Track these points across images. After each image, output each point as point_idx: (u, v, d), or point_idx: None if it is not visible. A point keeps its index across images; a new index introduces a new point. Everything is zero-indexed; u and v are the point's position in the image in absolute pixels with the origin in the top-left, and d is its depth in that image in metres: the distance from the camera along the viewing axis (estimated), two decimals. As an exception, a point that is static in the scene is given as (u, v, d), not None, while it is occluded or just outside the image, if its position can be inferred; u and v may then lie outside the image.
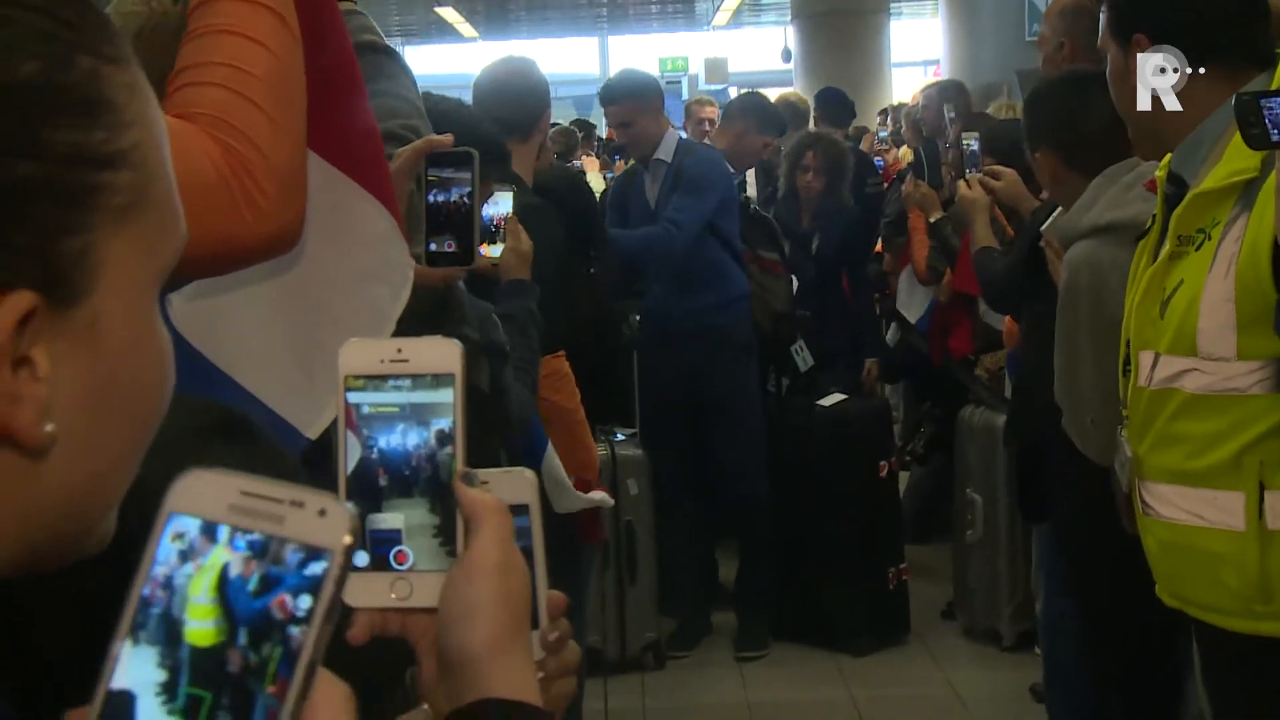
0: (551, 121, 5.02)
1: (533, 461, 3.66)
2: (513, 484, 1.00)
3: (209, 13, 1.44)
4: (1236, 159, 2.28)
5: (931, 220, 5.21)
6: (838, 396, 5.51)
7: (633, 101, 5.49)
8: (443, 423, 0.93)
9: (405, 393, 0.93)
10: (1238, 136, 2.30)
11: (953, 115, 4.90)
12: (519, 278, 3.29)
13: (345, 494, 0.93)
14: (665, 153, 5.45)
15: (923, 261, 5.66)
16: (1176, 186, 2.44)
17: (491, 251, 3.25)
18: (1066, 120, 2.80)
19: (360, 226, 1.70)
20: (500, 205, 3.28)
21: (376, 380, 0.94)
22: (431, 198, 2.11)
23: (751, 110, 6.20)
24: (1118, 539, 2.62)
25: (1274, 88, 1.81)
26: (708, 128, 8.68)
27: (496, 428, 2.95)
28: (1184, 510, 2.36)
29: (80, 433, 0.72)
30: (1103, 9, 2.54)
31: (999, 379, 5.05)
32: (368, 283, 1.73)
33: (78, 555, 0.76)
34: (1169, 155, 2.50)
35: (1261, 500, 2.24)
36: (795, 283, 5.77)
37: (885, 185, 7.15)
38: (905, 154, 8.27)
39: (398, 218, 1.76)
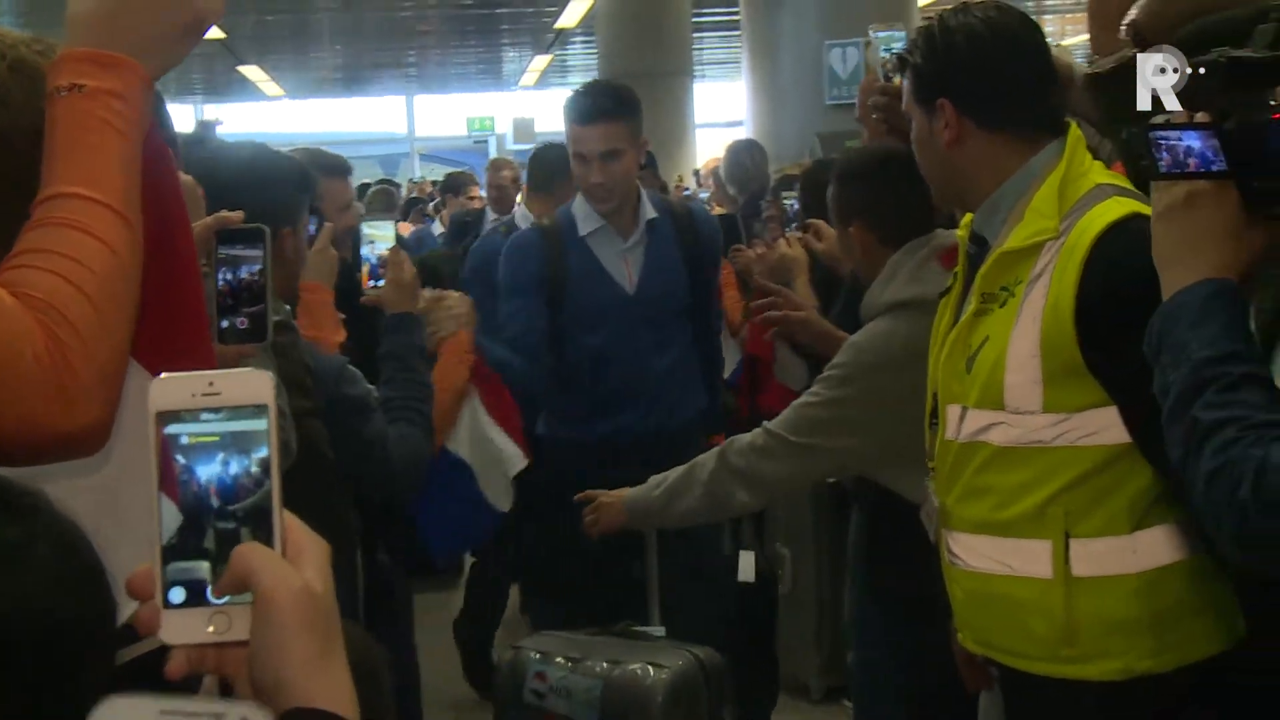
0: (361, 182, 4.81)
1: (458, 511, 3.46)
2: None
3: (56, 206, 1.45)
4: (1037, 220, 2.38)
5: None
6: None
7: (635, 120, 3.96)
8: (261, 451, 0.94)
9: (223, 422, 0.94)
10: (1036, 198, 2.40)
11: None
12: (403, 311, 3.18)
13: (160, 538, 0.93)
14: (650, 210, 4.07)
15: (736, 314, 5.71)
16: (979, 246, 2.52)
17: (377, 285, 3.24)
18: (880, 195, 2.85)
19: None
20: (379, 243, 3.24)
21: (189, 414, 0.93)
22: (221, 276, 2.09)
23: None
24: (929, 587, 2.67)
25: (1163, 121, 1.81)
26: (511, 191, 8.59)
27: (332, 485, 2.86)
28: (992, 559, 2.42)
29: None
30: (905, 74, 2.60)
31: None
32: None
33: None
34: (969, 215, 2.59)
35: (1067, 548, 2.31)
36: None
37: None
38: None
39: None
